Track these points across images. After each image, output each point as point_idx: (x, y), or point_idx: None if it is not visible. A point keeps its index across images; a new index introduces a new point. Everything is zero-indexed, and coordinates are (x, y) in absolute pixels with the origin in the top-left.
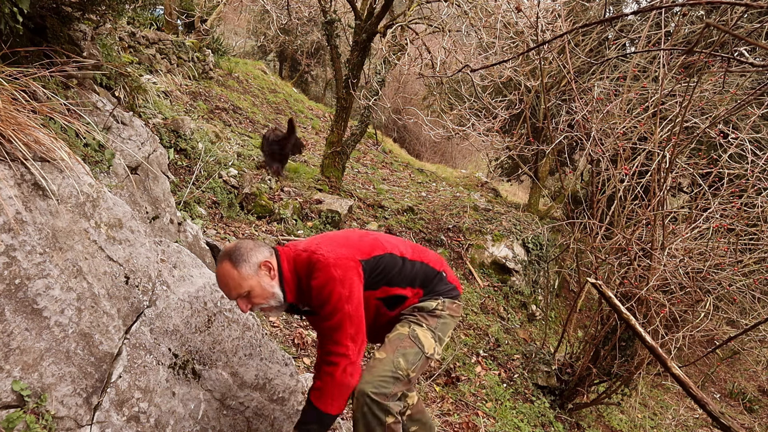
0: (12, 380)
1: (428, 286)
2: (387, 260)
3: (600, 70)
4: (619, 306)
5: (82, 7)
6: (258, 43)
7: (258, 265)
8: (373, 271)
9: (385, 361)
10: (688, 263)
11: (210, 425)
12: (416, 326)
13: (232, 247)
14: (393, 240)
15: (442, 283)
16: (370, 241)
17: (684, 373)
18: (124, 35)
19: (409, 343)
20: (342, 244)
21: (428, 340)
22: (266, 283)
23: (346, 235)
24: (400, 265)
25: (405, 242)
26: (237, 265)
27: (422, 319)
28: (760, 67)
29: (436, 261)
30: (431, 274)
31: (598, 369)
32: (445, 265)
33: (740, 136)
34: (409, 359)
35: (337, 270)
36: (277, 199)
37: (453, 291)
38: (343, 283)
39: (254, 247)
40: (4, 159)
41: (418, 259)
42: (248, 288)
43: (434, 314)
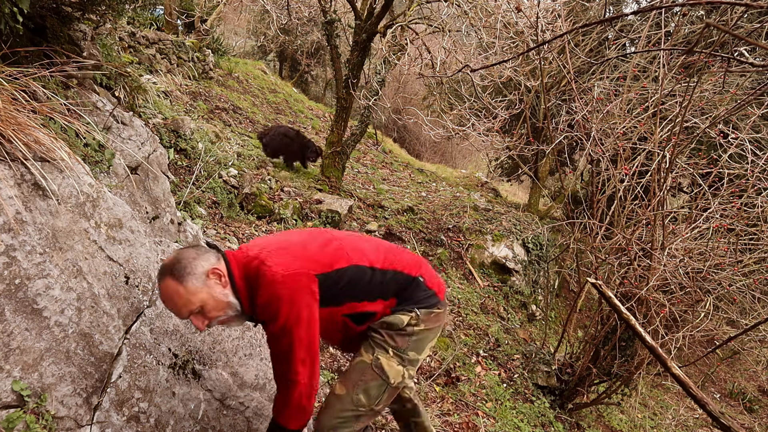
0: (12, 380)
1: (402, 295)
2: (352, 273)
3: (600, 70)
4: (619, 306)
5: (82, 7)
6: (258, 43)
7: (205, 275)
8: (334, 286)
9: (344, 399)
10: (688, 263)
11: (210, 425)
12: (381, 352)
13: (172, 259)
14: (362, 245)
15: (419, 290)
16: (333, 251)
17: (684, 373)
18: (124, 35)
19: (371, 376)
20: (297, 254)
21: (393, 368)
22: (218, 293)
23: (307, 240)
24: (368, 277)
25: (378, 247)
26: (181, 279)
27: (389, 341)
28: (760, 67)
29: (411, 265)
30: (405, 282)
31: (598, 369)
32: (423, 268)
33: (740, 136)
34: (371, 394)
35: (284, 289)
36: (277, 199)
37: (432, 298)
38: (291, 304)
39: (197, 255)
40: (4, 159)
41: (390, 268)
42: (199, 303)
43: (404, 332)
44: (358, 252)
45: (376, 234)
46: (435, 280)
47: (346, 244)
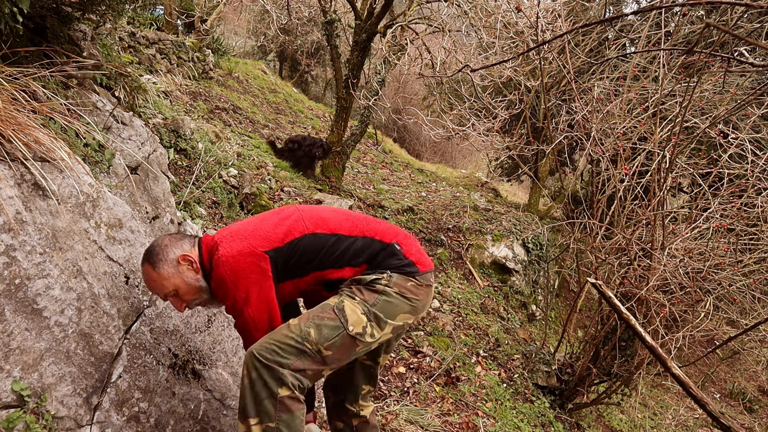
0: (12, 380)
1: (373, 262)
2: (307, 243)
3: (600, 70)
4: (619, 306)
5: (82, 7)
6: (258, 43)
7: (176, 261)
8: (290, 259)
9: (293, 328)
10: (688, 263)
11: (210, 425)
12: (347, 298)
13: (149, 246)
14: (327, 215)
15: (393, 257)
16: (290, 224)
17: (684, 373)
18: (124, 35)
19: (329, 315)
20: (248, 233)
21: (356, 315)
22: (190, 278)
23: (265, 218)
24: (330, 244)
25: (347, 216)
26: (155, 265)
27: (356, 293)
28: (760, 67)
29: (385, 232)
30: (377, 248)
31: (598, 369)
32: (401, 237)
33: (740, 136)
34: (323, 332)
35: (227, 270)
36: (277, 199)
37: (408, 266)
38: (236, 285)
39: (171, 242)
40: (4, 159)
41: (359, 234)
42: (173, 287)
43: (373, 288)
44: (318, 220)
45: None
46: (413, 250)
47: (307, 215)
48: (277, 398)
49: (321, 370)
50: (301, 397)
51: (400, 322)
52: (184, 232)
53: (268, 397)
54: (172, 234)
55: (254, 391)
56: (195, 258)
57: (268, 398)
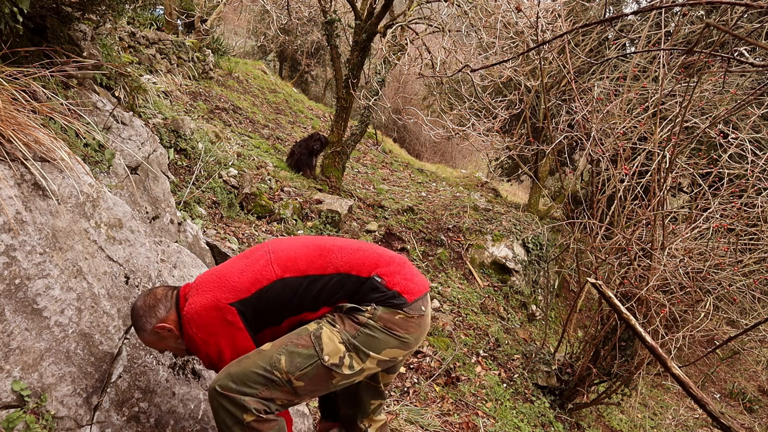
0: (12, 380)
1: (353, 299)
2: (277, 290)
3: (600, 70)
4: (619, 306)
5: (82, 7)
6: (258, 43)
7: (154, 331)
8: (260, 308)
9: (264, 354)
10: (688, 263)
11: (210, 425)
12: (326, 325)
13: (131, 310)
14: (298, 253)
15: (374, 291)
16: (258, 270)
17: (684, 373)
18: (124, 35)
19: (304, 342)
20: (213, 285)
21: (334, 344)
22: (172, 343)
23: (234, 264)
24: (302, 289)
25: (321, 250)
26: (140, 333)
27: (337, 321)
28: (760, 67)
29: (364, 264)
30: (355, 285)
31: (598, 369)
32: (382, 266)
33: (740, 136)
34: (295, 361)
35: (193, 328)
36: (277, 199)
37: (394, 298)
38: (206, 342)
39: (147, 310)
40: (4, 159)
41: (333, 271)
42: (163, 348)
43: (355, 319)
44: (287, 261)
45: (376, 234)
46: (398, 279)
47: (275, 257)
48: (244, 424)
49: (292, 400)
50: (270, 416)
51: (387, 357)
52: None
53: (234, 425)
54: (149, 295)
55: (221, 421)
56: (172, 324)
57: (234, 425)
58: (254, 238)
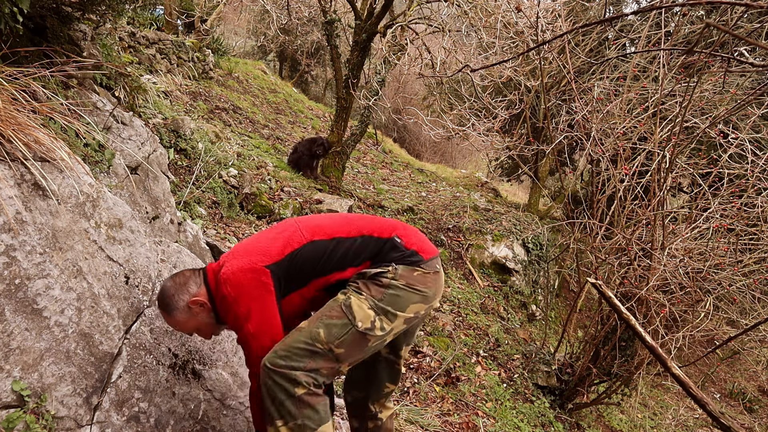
0: (12, 380)
1: (375, 258)
2: (307, 252)
3: (600, 70)
4: (619, 306)
5: (82, 7)
6: (258, 43)
7: (187, 307)
8: (291, 270)
9: (303, 331)
10: (688, 263)
11: (210, 425)
12: (353, 294)
13: (159, 293)
14: (323, 221)
15: (394, 250)
16: (287, 236)
17: (684, 373)
18: (124, 35)
19: (337, 313)
20: (247, 250)
21: (364, 311)
22: (204, 319)
23: (264, 234)
24: (330, 249)
25: (344, 219)
26: (169, 312)
27: (363, 288)
28: (760, 67)
29: (383, 228)
30: (377, 244)
31: (598, 369)
32: (400, 229)
33: (740, 136)
34: (332, 331)
35: (228, 287)
36: (277, 199)
37: (412, 256)
38: (237, 301)
39: (178, 287)
40: (4, 159)
41: (357, 234)
42: (192, 328)
43: (378, 282)
44: (315, 228)
45: None
46: (414, 240)
47: (303, 225)
48: (296, 397)
49: (337, 367)
50: (319, 391)
51: (411, 314)
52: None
53: (287, 399)
54: (177, 276)
55: (273, 396)
56: (204, 298)
57: (287, 399)
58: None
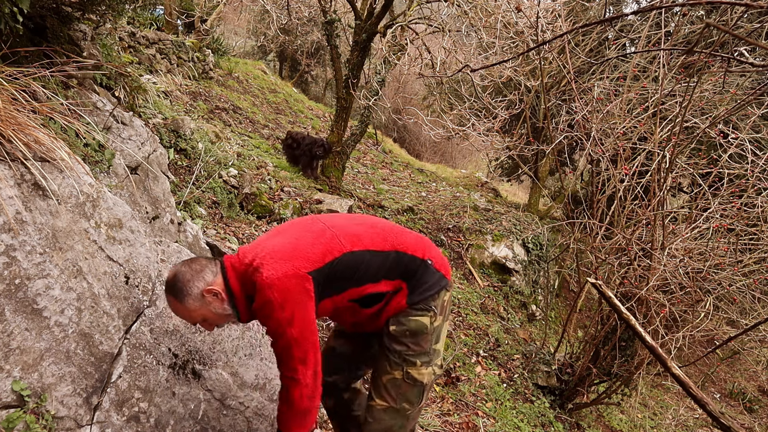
0: (12, 380)
1: (412, 279)
2: (346, 262)
3: (600, 70)
4: (619, 306)
5: (82, 7)
6: (258, 43)
7: (201, 295)
8: (329, 278)
9: (390, 411)
10: (688, 263)
11: (210, 425)
12: (409, 368)
13: (171, 277)
14: (358, 230)
15: (427, 273)
16: (326, 242)
17: (684, 373)
18: (124, 35)
19: (407, 387)
20: (288, 254)
21: (423, 374)
22: (216, 308)
23: (299, 236)
24: (366, 261)
25: (375, 228)
26: (180, 299)
27: (415, 351)
28: (760, 67)
29: (417, 246)
30: (413, 265)
31: (598, 369)
32: (428, 249)
33: (740, 136)
34: (412, 399)
35: (274, 292)
36: (277, 199)
37: (442, 281)
38: (283, 306)
39: (194, 274)
40: (4, 159)
41: (391, 248)
42: (200, 317)
43: (427, 334)
44: (353, 237)
45: None
46: (441, 260)
47: (340, 232)
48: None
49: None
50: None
51: (444, 336)
52: (204, 255)
53: None
54: (193, 262)
55: None
56: (220, 288)
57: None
58: (254, 238)
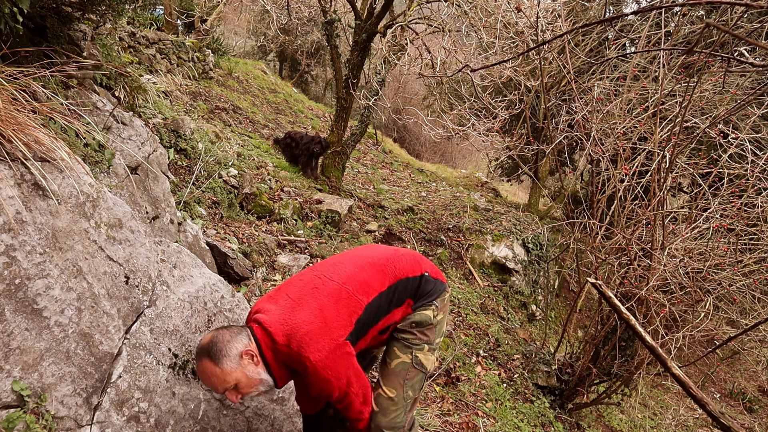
0: (12, 380)
1: (416, 295)
2: (368, 314)
3: (600, 70)
4: (619, 306)
5: (82, 7)
6: (258, 43)
7: (239, 356)
8: (358, 332)
9: (397, 399)
10: (688, 263)
11: (210, 425)
12: (417, 352)
13: (209, 341)
14: (366, 278)
15: (428, 284)
16: (347, 304)
17: (684, 373)
18: (124, 35)
19: (413, 373)
20: (323, 330)
21: (429, 360)
22: (252, 372)
23: (320, 305)
24: (381, 302)
25: (377, 268)
26: (218, 361)
27: (422, 339)
28: (760, 67)
29: (413, 266)
30: (414, 284)
31: (598, 369)
32: (422, 263)
33: (740, 136)
34: (416, 387)
35: (327, 371)
36: (277, 199)
37: (439, 286)
38: (339, 377)
39: (231, 337)
40: (4, 159)
41: (394, 280)
42: (234, 381)
43: (431, 325)
44: (364, 287)
45: (376, 234)
46: (434, 270)
47: (353, 287)
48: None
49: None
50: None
51: (444, 330)
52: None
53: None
54: (229, 327)
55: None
56: (255, 351)
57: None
58: (254, 238)
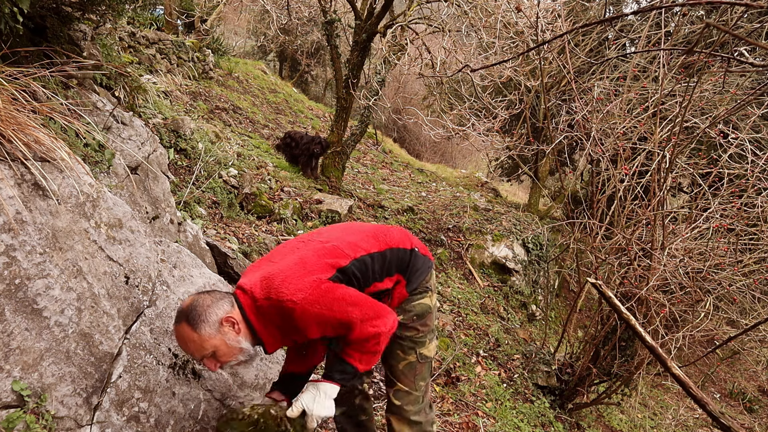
0: (12, 380)
1: (407, 270)
2: (355, 268)
3: (600, 70)
4: (619, 306)
5: (82, 7)
6: (258, 43)
7: (219, 323)
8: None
9: (412, 394)
10: (688, 263)
11: (210, 425)
12: (420, 348)
13: (188, 305)
14: (354, 239)
15: (418, 260)
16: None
17: (684, 373)
18: (124, 35)
19: (420, 366)
20: (301, 272)
21: (431, 349)
22: (231, 340)
23: (301, 256)
24: (371, 264)
25: (366, 234)
26: (196, 326)
27: (424, 331)
28: (760, 67)
29: (403, 239)
30: (405, 256)
31: (598, 369)
32: (412, 239)
33: (740, 136)
34: (425, 375)
35: (316, 306)
36: (277, 199)
37: (428, 262)
38: (332, 308)
39: (212, 302)
40: (4, 159)
41: (386, 247)
42: (212, 348)
43: (431, 312)
44: (352, 245)
45: None
46: (423, 246)
47: (339, 243)
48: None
49: None
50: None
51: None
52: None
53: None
54: (212, 292)
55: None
56: (238, 318)
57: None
58: (254, 238)
